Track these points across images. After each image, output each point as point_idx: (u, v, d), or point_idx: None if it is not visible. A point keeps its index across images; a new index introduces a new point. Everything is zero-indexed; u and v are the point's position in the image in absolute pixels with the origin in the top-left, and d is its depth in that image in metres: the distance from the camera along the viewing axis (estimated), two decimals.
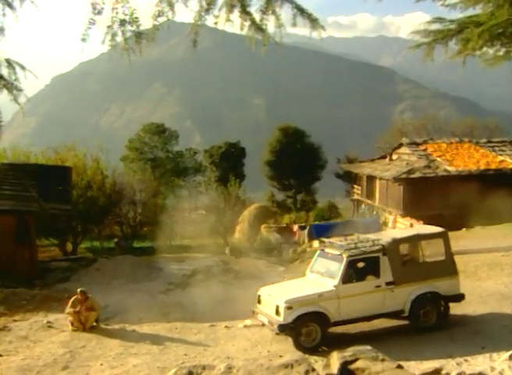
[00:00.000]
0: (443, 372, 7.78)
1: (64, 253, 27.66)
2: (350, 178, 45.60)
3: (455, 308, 13.48)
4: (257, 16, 6.53)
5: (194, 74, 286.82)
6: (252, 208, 40.43)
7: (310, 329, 11.86)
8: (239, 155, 52.98)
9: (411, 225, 25.10)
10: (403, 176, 30.98)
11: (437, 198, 28.63)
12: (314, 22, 6.50)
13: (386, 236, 13.45)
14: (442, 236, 13.30)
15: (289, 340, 12.05)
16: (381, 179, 34.90)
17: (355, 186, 42.40)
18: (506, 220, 26.41)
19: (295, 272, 20.17)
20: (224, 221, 34.00)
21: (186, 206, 46.02)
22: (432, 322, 12.63)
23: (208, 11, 6.33)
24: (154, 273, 20.94)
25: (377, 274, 12.43)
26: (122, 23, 6.31)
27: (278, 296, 12.26)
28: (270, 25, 6.57)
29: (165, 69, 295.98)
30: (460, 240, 22.05)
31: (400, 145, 37.07)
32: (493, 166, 31.79)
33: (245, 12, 6.47)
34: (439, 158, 32.89)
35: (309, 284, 12.75)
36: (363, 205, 39.73)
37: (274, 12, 6.43)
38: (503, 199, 27.57)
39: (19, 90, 12.21)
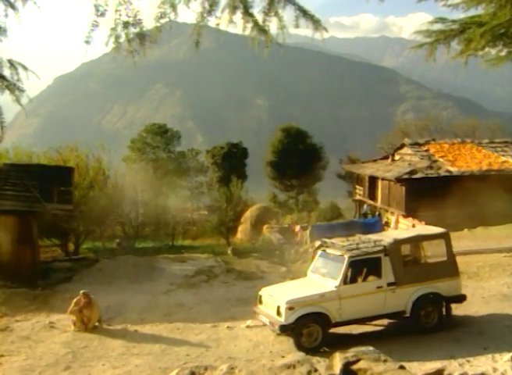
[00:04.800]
0: (445, 372, 7.79)
1: (66, 253, 27.65)
2: (352, 179, 45.59)
3: (457, 309, 13.48)
4: (259, 18, 6.54)
5: (196, 75, 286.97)
6: (254, 208, 40.47)
7: (311, 329, 11.85)
8: (241, 155, 52.91)
9: (413, 225, 25.06)
10: (406, 176, 30.95)
11: (439, 198, 28.56)
12: (316, 23, 6.48)
13: (388, 236, 13.45)
14: (444, 236, 13.30)
15: (291, 340, 12.05)
16: (383, 179, 34.86)
17: (357, 186, 42.36)
18: (508, 221, 26.39)
19: (297, 272, 20.17)
20: (226, 221, 33.99)
21: (188, 207, 46.05)
22: (434, 323, 12.63)
23: (210, 12, 6.33)
24: (156, 273, 20.92)
25: (378, 275, 12.43)
26: (126, 25, 6.31)
27: (279, 296, 12.25)
28: (272, 26, 6.58)
29: (167, 70, 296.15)
30: (462, 240, 22.04)
31: (402, 146, 37.04)
32: (495, 167, 31.75)
33: (247, 13, 6.46)
34: (441, 159, 32.86)
35: (310, 285, 12.74)
36: (365, 206, 39.69)
37: (276, 14, 6.42)
38: (505, 200, 27.58)
39: (22, 90, 12.21)
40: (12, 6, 9.06)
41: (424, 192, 29.32)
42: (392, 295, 12.37)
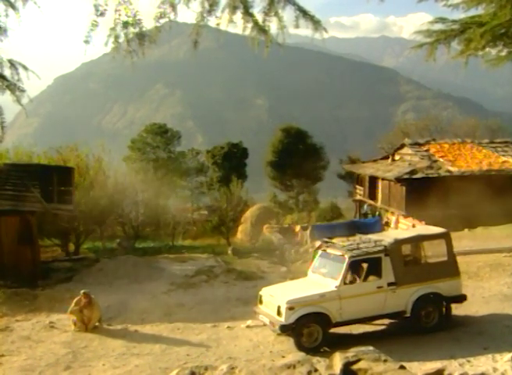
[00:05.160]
0: (446, 372, 7.80)
1: (66, 253, 27.65)
2: (353, 179, 45.58)
3: (457, 309, 13.48)
4: (259, 18, 6.53)
5: (196, 75, 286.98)
6: (254, 208, 40.42)
7: (311, 329, 11.85)
8: (241, 155, 52.87)
9: (413, 225, 25.05)
10: (406, 176, 30.95)
11: (439, 198, 28.56)
12: (316, 23, 6.48)
13: (388, 236, 13.44)
14: (445, 236, 13.29)
15: (292, 340, 12.05)
16: (383, 179, 34.86)
17: (357, 186, 42.36)
18: (508, 221, 26.37)
19: (297, 272, 20.17)
20: (226, 221, 33.98)
21: (189, 207, 46.03)
22: (434, 323, 12.63)
23: (210, 12, 6.33)
24: (156, 273, 20.92)
25: (379, 275, 12.43)
26: (125, 25, 6.30)
27: (279, 296, 12.25)
28: (272, 26, 6.57)
29: (167, 70, 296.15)
30: (462, 240, 22.04)
31: (403, 146, 37.04)
32: (496, 167, 31.74)
33: (247, 13, 6.46)
34: (441, 159, 32.85)
35: (311, 285, 12.74)
36: (365, 206, 39.70)
37: (276, 14, 6.42)
38: (505, 200, 27.59)
39: (22, 90, 12.20)
40: (13, 6, 9.07)
41: (425, 192, 29.30)
42: (392, 295, 12.36)
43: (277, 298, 12.23)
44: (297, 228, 32.69)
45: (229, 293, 18.11)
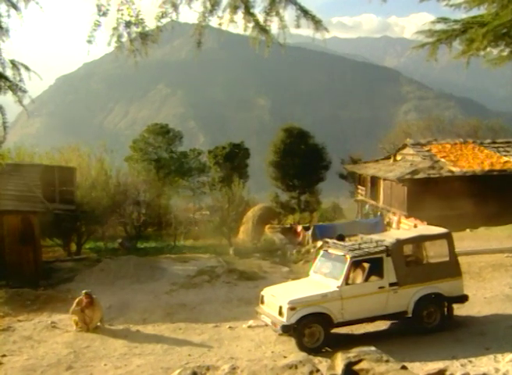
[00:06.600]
0: (447, 373, 7.78)
1: (68, 253, 27.66)
2: (354, 179, 45.59)
3: (459, 309, 13.47)
4: (260, 17, 6.54)
5: (198, 75, 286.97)
6: (256, 208, 40.40)
7: (313, 330, 11.85)
8: (243, 155, 52.82)
9: (415, 226, 25.01)
10: (408, 176, 30.92)
11: (441, 198, 28.53)
12: (317, 23, 6.49)
13: (390, 237, 13.43)
14: (446, 237, 13.28)
15: (293, 340, 12.04)
16: (385, 179, 34.84)
17: (359, 187, 42.36)
18: (510, 221, 26.32)
19: (299, 272, 20.18)
20: (228, 222, 33.94)
21: (190, 207, 46.04)
22: (436, 323, 12.62)
23: (211, 12, 6.34)
24: (158, 273, 20.93)
25: (380, 275, 12.42)
26: (128, 24, 6.32)
27: (281, 297, 12.25)
28: (274, 26, 6.58)
29: (169, 70, 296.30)
30: (464, 241, 22.00)
31: (404, 146, 37.03)
32: (497, 167, 31.68)
33: (249, 13, 6.47)
34: (443, 159, 32.82)
35: (312, 285, 12.74)
36: (367, 206, 39.67)
37: (278, 14, 6.43)
38: (507, 200, 27.54)
39: (24, 91, 12.19)
40: (15, 7, 9.07)
41: (426, 192, 29.28)
42: (394, 295, 12.35)
43: (279, 298, 12.23)
44: (299, 228, 32.68)
45: (231, 293, 18.12)
